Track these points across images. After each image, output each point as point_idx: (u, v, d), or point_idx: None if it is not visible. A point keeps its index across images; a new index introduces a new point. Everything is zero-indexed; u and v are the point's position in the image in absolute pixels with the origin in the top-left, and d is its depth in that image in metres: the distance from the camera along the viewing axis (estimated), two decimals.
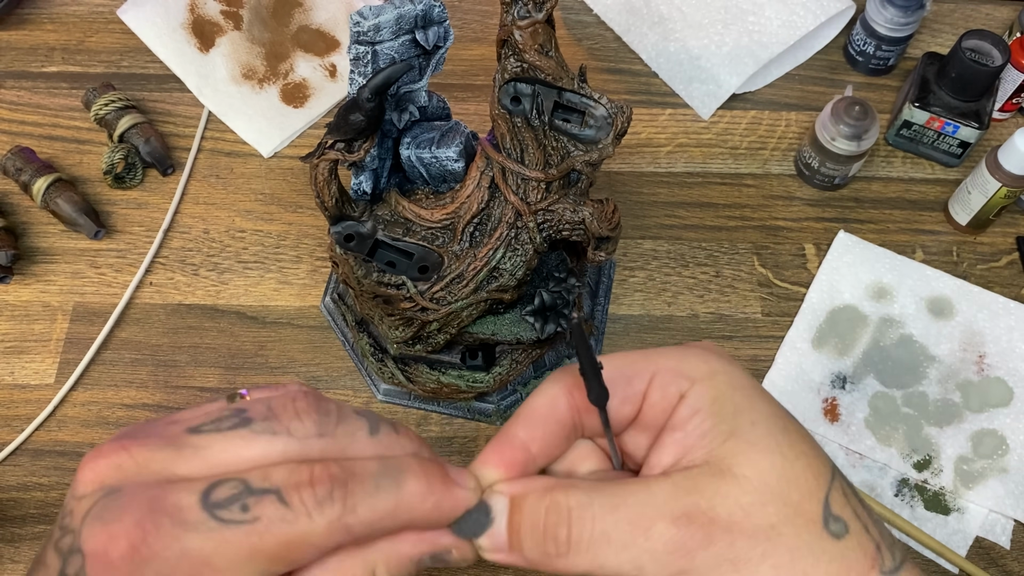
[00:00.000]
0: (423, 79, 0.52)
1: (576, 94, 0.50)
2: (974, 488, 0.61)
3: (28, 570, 0.28)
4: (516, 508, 0.30)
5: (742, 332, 0.67)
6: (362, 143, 0.50)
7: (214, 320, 0.66)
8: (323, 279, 0.68)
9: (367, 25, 0.47)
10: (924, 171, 0.75)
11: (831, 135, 0.68)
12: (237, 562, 0.26)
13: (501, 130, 0.52)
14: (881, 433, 0.63)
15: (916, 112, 0.71)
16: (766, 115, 0.77)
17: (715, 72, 0.76)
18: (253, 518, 0.26)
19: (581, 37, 0.81)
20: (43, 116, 0.75)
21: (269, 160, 0.74)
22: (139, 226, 0.70)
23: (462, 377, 0.60)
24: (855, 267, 0.69)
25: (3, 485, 0.60)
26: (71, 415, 0.63)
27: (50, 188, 0.68)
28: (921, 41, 0.81)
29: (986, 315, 0.67)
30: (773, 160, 0.75)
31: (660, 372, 0.32)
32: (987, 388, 0.65)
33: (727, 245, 0.71)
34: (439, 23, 0.50)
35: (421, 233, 0.54)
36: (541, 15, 0.49)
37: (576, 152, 0.52)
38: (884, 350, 0.66)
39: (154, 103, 0.76)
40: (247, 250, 0.69)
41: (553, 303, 0.57)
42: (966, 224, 0.70)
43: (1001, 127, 0.77)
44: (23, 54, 0.78)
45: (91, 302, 0.67)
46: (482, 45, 0.80)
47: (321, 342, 0.66)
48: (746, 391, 0.32)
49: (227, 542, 0.26)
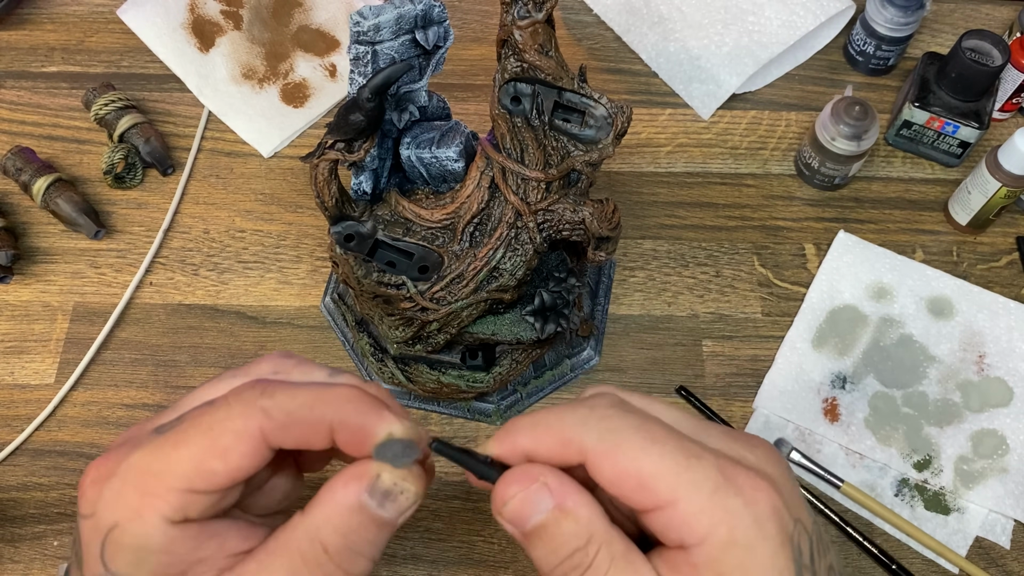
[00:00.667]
0: (423, 79, 0.52)
1: (576, 94, 0.50)
2: (974, 488, 0.61)
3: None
4: (556, 520, 0.29)
5: (742, 332, 0.67)
6: (362, 143, 0.50)
7: (214, 320, 0.66)
8: (323, 279, 0.68)
9: (367, 25, 0.47)
10: (924, 171, 0.75)
11: (831, 135, 0.68)
12: (165, 457, 0.29)
13: (501, 130, 0.52)
14: (881, 433, 0.63)
15: (916, 112, 0.71)
16: (766, 115, 0.77)
17: (715, 72, 0.76)
18: (178, 420, 0.30)
19: (581, 37, 0.81)
20: (43, 116, 0.75)
21: (269, 160, 0.74)
22: (139, 226, 0.70)
23: (462, 377, 0.60)
24: (855, 267, 0.69)
25: (3, 485, 0.60)
26: (71, 415, 0.63)
27: (50, 188, 0.68)
28: (921, 41, 0.81)
29: (986, 315, 0.67)
30: (773, 160, 0.75)
31: (673, 513, 0.28)
32: (987, 388, 0.65)
33: (727, 245, 0.71)
34: (439, 23, 0.50)
35: (421, 233, 0.54)
36: (541, 15, 0.49)
37: (576, 152, 0.52)
38: (884, 350, 0.66)
39: (154, 103, 0.76)
40: (247, 250, 0.69)
41: (553, 303, 0.57)
42: (966, 224, 0.70)
43: (1001, 127, 0.77)
44: (23, 54, 0.78)
45: (91, 302, 0.67)
46: (482, 45, 0.80)
47: (321, 342, 0.66)
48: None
49: (160, 449, 0.29)
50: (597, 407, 0.30)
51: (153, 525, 0.28)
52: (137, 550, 0.28)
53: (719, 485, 0.28)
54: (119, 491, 0.29)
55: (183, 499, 0.28)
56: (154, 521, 0.28)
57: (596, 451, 0.29)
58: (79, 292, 0.67)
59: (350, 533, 0.29)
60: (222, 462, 0.29)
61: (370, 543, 0.29)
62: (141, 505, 0.28)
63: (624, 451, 0.29)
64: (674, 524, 0.28)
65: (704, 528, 0.28)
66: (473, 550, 0.59)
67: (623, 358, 0.66)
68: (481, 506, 0.60)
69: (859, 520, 0.60)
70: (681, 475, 0.28)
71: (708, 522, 0.28)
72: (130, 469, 0.29)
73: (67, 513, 0.59)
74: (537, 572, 0.31)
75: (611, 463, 0.29)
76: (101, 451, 0.61)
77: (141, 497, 0.28)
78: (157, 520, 0.28)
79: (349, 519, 0.29)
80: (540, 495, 0.29)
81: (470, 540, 0.59)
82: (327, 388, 0.30)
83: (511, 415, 0.63)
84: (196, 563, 0.29)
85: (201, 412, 0.30)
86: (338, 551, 0.29)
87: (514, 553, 0.59)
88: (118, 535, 0.28)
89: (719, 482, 0.28)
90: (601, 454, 0.29)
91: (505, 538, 0.59)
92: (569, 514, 0.29)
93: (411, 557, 0.58)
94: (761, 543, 0.28)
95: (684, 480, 0.28)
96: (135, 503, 0.28)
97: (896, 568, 0.58)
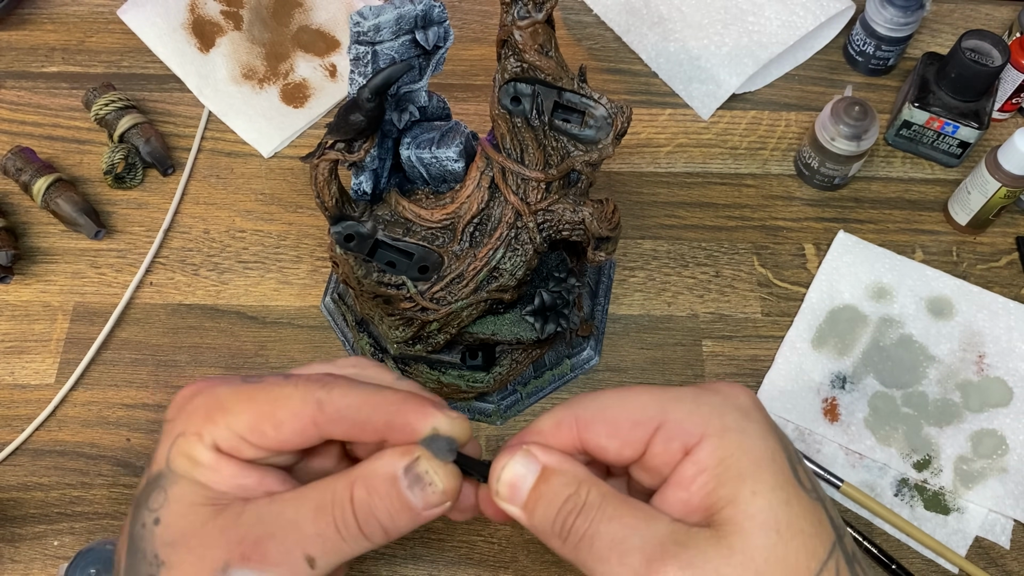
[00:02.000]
0: (423, 79, 0.52)
1: (576, 94, 0.50)
2: (974, 488, 0.61)
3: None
4: (545, 479, 0.32)
5: (742, 332, 0.67)
6: (362, 143, 0.50)
7: (214, 320, 0.66)
8: (323, 279, 0.68)
9: (367, 25, 0.47)
10: (924, 171, 0.75)
11: (831, 135, 0.68)
12: (236, 402, 0.33)
13: (501, 130, 0.52)
14: (881, 433, 0.63)
15: (916, 112, 0.71)
16: (766, 115, 0.77)
17: (715, 72, 0.76)
18: (260, 378, 0.34)
19: (581, 37, 0.81)
20: (43, 116, 0.75)
21: (269, 160, 0.74)
22: (139, 226, 0.70)
23: (462, 377, 0.60)
24: (855, 267, 0.69)
25: (3, 485, 0.60)
26: (71, 415, 0.63)
27: (50, 188, 0.68)
28: (921, 41, 0.81)
29: (986, 315, 0.67)
30: (773, 160, 0.75)
31: (667, 424, 0.32)
32: (987, 388, 0.65)
33: (727, 245, 0.71)
34: (439, 23, 0.50)
35: (421, 233, 0.54)
36: (541, 15, 0.49)
37: (576, 152, 0.52)
38: (884, 350, 0.66)
39: (154, 103, 0.76)
40: (247, 250, 0.69)
41: (553, 303, 0.57)
42: (966, 224, 0.70)
43: (1001, 127, 0.77)
44: (23, 54, 0.78)
45: (91, 302, 0.67)
46: (482, 45, 0.80)
47: (321, 342, 0.66)
48: (754, 456, 0.31)
49: (235, 394, 0.34)
50: (578, 397, 0.35)
51: (207, 445, 0.33)
52: (191, 459, 0.33)
53: (699, 394, 0.33)
54: (194, 410, 0.34)
55: (236, 441, 0.33)
56: (208, 443, 0.33)
57: (584, 418, 0.33)
58: (79, 292, 0.67)
59: (376, 496, 0.32)
60: (274, 430, 0.33)
61: (390, 516, 0.32)
62: (203, 428, 0.33)
63: (610, 406, 0.33)
64: (673, 436, 0.32)
65: (699, 426, 0.31)
66: (473, 550, 0.59)
67: (623, 358, 0.66)
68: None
69: (859, 520, 0.60)
70: (664, 400, 0.32)
71: (700, 420, 0.32)
72: (209, 397, 0.34)
73: (67, 513, 0.59)
74: (538, 570, 0.31)
75: (602, 419, 0.33)
76: (101, 451, 0.61)
77: (205, 422, 0.33)
78: (210, 443, 0.33)
79: (380, 484, 0.32)
80: (526, 459, 0.33)
81: (470, 540, 0.59)
82: (380, 391, 0.33)
83: (511, 415, 0.63)
84: (236, 487, 0.33)
85: (276, 382, 0.34)
86: (361, 506, 0.32)
87: (514, 553, 0.59)
88: (181, 442, 0.33)
89: (698, 392, 0.33)
90: (591, 418, 0.33)
91: (505, 538, 0.59)
92: (555, 470, 0.33)
93: (411, 557, 0.58)
94: (750, 426, 0.32)
95: (668, 399, 0.33)
96: (200, 424, 0.33)
97: (896, 568, 0.58)
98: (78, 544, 0.58)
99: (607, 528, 0.31)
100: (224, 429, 0.33)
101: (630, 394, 0.33)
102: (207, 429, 0.33)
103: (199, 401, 0.34)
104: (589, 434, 0.33)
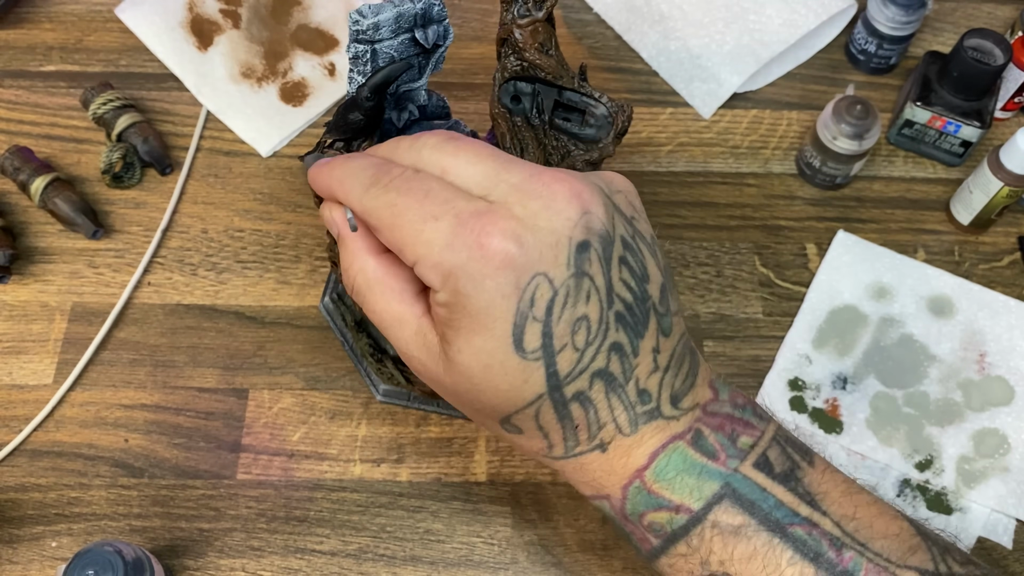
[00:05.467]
0: (423, 78, 0.52)
1: (576, 93, 0.50)
2: (976, 488, 0.61)
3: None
4: (342, 241, 0.40)
5: (743, 332, 0.67)
6: (361, 142, 0.50)
7: (212, 320, 0.66)
8: (322, 279, 0.68)
9: (366, 24, 0.47)
10: (926, 170, 0.75)
11: (832, 134, 0.68)
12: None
13: (501, 129, 0.51)
14: (882, 433, 0.63)
15: (918, 111, 0.71)
16: (767, 114, 0.77)
17: (716, 71, 0.76)
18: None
19: (581, 35, 0.81)
20: (41, 115, 0.75)
21: (268, 159, 0.73)
22: (137, 226, 0.70)
23: None
24: (854, 267, 0.69)
25: (1, 486, 0.60)
26: (69, 415, 0.62)
27: (48, 187, 0.68)
28: (923, 40, 0.81)
29: (987, 314, 0.67)
30: (774, 159, 0.75)
31: (420, 262, 0.35)
32: (988, 387, 0.64)
33: (728, 245, 0.70)
34: (439, 21, 0.50)
35: None
36: (541, 13, 0.48)
37: (576, 151, 0.52)
38: (884, 350, 0.66)
39: (152, 102, 0.76)
40: (246, 250, 0.69)
41: None
42: (968, 224, 0.70)
43: (1003, 126, 0.77)
44: (21, 53, 0.78)
45: (89, 302, 0.66)
46: (482, 44, 0.80)
47: (320, 342, 0.66)
48: (482, 306, 0.34)
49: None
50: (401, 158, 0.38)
51: None
52: None
53: (450, 242, 0.34)
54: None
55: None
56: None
57: (364, 214, 0.37)
58: (77, 292, 0.67)
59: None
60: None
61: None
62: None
63: (381, 227, 0.36)
64: (423, 276, 0.35)
65: (439, 278, 0.34)
66: (473, 551, 0.59)
67: None
68: (482, 507, 0.60)
69: None
70: (418, 238, 0.34)
71: (442, 271, 0.34)
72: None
73: (65, 514, 0.59)
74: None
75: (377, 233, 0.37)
76: (99, 452, 0.61)
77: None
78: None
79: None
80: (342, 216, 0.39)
81: (470, 541, 0.59)
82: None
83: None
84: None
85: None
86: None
87: (514, 555, 0.58)
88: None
89: (450, 239, 0.34)
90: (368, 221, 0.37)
91: (505, 539, 0.59)
92: (347, 239, 0.40)
93: (411, 559, 0.58)
94: (486, 279, 0.33)
95: (421, 241, 0.35)
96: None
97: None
98: (76, 545, 0.58)
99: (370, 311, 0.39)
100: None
101: (397, 218, 0.36)
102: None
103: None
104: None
